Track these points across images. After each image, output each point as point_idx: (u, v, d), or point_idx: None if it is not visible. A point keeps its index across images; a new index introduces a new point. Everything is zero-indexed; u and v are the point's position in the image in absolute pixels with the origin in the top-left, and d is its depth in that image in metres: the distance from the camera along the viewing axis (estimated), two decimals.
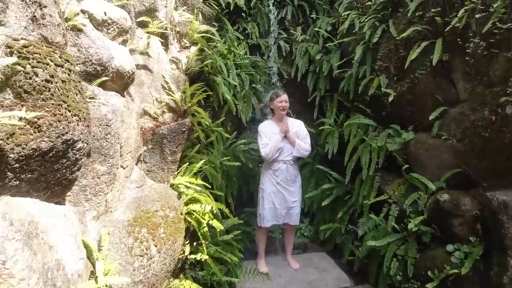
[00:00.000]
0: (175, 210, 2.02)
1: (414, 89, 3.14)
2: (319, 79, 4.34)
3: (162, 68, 2.62)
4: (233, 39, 4.16)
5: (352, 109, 4.12)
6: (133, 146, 1.95)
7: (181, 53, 3.18)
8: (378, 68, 3.62)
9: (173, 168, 2.32)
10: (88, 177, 1.59)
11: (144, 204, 1.90)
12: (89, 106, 1.52)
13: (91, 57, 1.71)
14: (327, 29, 4.31)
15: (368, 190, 3.50)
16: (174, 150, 2.29)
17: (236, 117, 3.96)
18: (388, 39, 3.52)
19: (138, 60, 2.39)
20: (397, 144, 3.21)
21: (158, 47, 2.64)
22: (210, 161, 3.04)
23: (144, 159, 2.24)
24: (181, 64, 3.09)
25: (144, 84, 2.41)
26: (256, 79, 4.24)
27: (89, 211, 1.62)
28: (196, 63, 3.33)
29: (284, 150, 3.29)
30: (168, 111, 2.58)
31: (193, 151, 2.85)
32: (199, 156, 2.95)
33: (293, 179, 3.42)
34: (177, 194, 2.20)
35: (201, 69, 3.43)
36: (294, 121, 3.44)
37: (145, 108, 2.38)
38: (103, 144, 1.63)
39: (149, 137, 2.23)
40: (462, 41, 2.59)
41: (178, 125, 2.31)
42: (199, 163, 2.40)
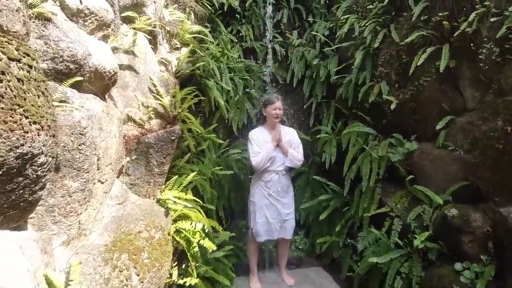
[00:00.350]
0: (161, 230, 1.78)
1: (418, 97, 2.98)
2: (315, 84, 4.16)
3: (150, 70, 2.38)
4: (226, 41, 3.95)
5: (350, 116, 3.95)
6: (113, 157, 1.70)
7: (171, 54, 2.95)
8: (378, 74, 3.46)
9: (160, 181, 2.07)
10: (57, 195, 1.33)
11: (126, 224, 1.64)
12: (59, 111, 1.28)
13: (62, 53, 1.45)
14: (324, 33, 4.15)
15: (369, 202, 3.32)
16: (161, 161, 2.05)
17: (229, 123, 3.73)
18: (389, 45, 3.37)
19: (122, 59, 2.14)
20: (400, 154, 3.04)
21: (146, 46, 2.40)
22: (201, 171, 2.80)
23: (127, 171, 1.99)
24: (170, 66, 2.85)
25: (129, 86, 2.16)
26: (250, 84, 4.04)
27: (58, 236, 1.36)
28: (187, 65, 3.10)
29: (276, 160, 3.08)
30: (156, 117, 2.34)
31: (182, 161, 2.60)
32: (189, 166, 2.70)
33: (285, 190, 3.21)
34: (165, 211, 1.95)
35: (192, 72, 3.20)
36: (287, 129, 3.24)
37: (130, 113, 2.13)
38: (76, 156, 1.37)
39: (133, 147, 1.97)
40: (472, 47, 2.45)
41: (167, 133, 2.07)
42: (190, 175, 2.15)
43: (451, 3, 2.56)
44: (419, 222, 2.84)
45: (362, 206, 3.36)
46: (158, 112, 2.36)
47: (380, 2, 3.33)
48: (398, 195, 3.14)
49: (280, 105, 3.11)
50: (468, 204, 2.61)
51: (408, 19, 3.09)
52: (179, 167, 2.56)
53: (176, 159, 2.62)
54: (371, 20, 3.44)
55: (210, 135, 3.32)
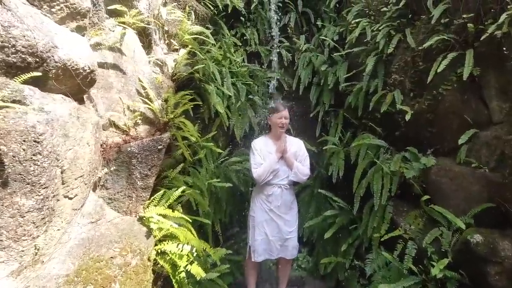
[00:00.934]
0: (140, 255, 1.53)
1: (437, 107, 2.71)
2: (323, 92, 3.92)
3: (139, 70, 2.16)
4: (229, 44, 3.74)
5: (359, 127, 3.68)
6: (85, 169, 1.47)
7: (168, 56, 2.74)
8: (392, 82, 3.20)
9: (144, 195, 1.83)
10: (5, 216, 1.10)
11: (97, 247, 1.40)
12: (7, 113, 1.05)
13: (14, 41, 1.22)
14: (333, 38, 3.92)
15: (379, 221, 3.03)
16: (146, 173, 1.81)
17: (230, 131, 3.49)
18: (404, 50, 3.12)
19: (106, 57, 1.92)
20: (415, 170, 2.76)
21: (136, 44, 2.18)
22: (195, 184, 2.56)
23: (105, 184, 1.75)
24: (167, 68, 2.64)
25: (113, 87, 1.94)
26: (253, 90, 3.80)
27: (6, 264, 1.12)
28: (185, 68, 2.88)
29: (280, 173, 2.82)
30: (144, 123, 2.11)
31: (175, 171, 2.36)
32: (183, 177, 2.46)
33: (289, 206, 2.94)
34: (146, 231, 1.70)
35: (191, 75, 2.98)
36: (293, 140, 2.98)
37: (112, 118, 1.90)
38: (30, 169, 1.14)
39: (112, 156, 1.74)
40: (502, 53, 2.18)
41: (153, 141, 1.83)
42: (179, 190, 1.90)
43: (476, 4, 2.30)
44: (436, 247, 2.55)
45: (371, 225, 3.07)
46: (147, 117, 2.13)
47: (395, 5, 3.10)
48: (412, 215, 2.84)
49: (287, 113, 2.87)
50: (493, 229, 2.31)
51: (426, 22, 2.84)
52: (171, 178, 2.32)
53: (168, 169, 2.38)
54: (384, 24, 3.19)
55: (208, 144, 3.08)
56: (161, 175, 2.23)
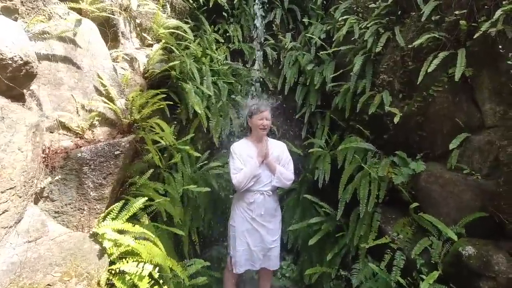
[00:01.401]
0: (88, 279, 1.31)
1: (427, 110, 2.56)
2: (309, 92, 3.75)
3: (99, 65, 1.92)
4: (211, 40, 3.53)
5: (347, 129, 3.52)
6: (17, 180, 1.24)
7: (140, 51, 2.51)
8: (380, 83, 3.05)
9: (98, 208, 1.60)
10: None
11: (30, 273, 1.18)
12: None
13: None
14: (320, 36, 3.75)
15: (366, 229, 2.87)
16: (100, 183, 1.58)
17: (210, 133, 3.28)
18: (393, 49, 2.97)
19: (54, 48, 1.68)
20: (404, 176, 2.60)
21: (94, 35, 1.94)
22: (168, 192, 2.34)
23: (50, 196, 1.51)
24: (138, 64, 2.41)
25: (64, 84, 1.70)
26: (236, 89, 3.60)
27: None
28: (160, 65, 2.66)
29: (262, 178, 2.63)
30: (103, 125, 1.87)
31: (144, 177, 2.14)
32: (153, 184, 2.23)
33: (272, 214, 2.74)
34: (99, 250, 1.48)
35: (166, 73, 2.76)
36: (276, 143, 2.79)
37: (62, 119, 1.66)
38: None
39: (59, 163, 1.51)
40: (496, 52, 2.04)
41: (109, 146, 1.60)
42: (139, 201, 1.67)
43: (469, 0, 2.15)
44: (425, 258, 2.40)
45: (358, 234, 2.91)
46: (107, 118, 1.90)
47: (383, 1, 2.95)
48: (401, 223, 2.69)
49: (268, 114, 2.66)
50: (486, 239, 2.17)
51: (416, 20, 2.69)
52: (139, 185, 2.09)
53: (135, 176, 2.16)
54: (373, 21, 3.04)
55: (185, 147, 2.86)
56: (126, 181, 2.00)
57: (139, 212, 1.92)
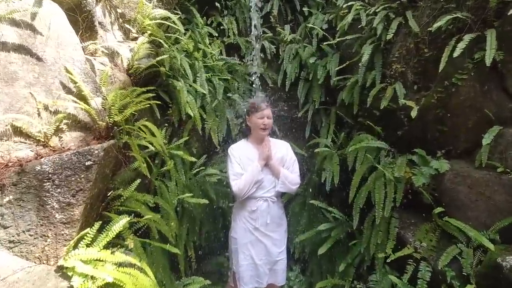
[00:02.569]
0: None
1: (449, 101, 2.28)
2: (312, 88, 3.47)
3: (67, 57, 1.61)
4: (203, 34, 3.23)
5: (355, 126, 3.24)
6: None
7: (122, 45, 2.21)
8: (391, 74, 2.77)
9: (67, 233, 1.29)
10: None
11: None
12: None
13: None
14: (322, 27, 3.46)
15: (383, 237, 2.58)
16: (68, 202, 1.28)
17: (206, 136, 2.98)
18: (405, 37, 2.69)
19: (3, 33, 1.35)
20: (425, 176, 2.32)
21: (60, 20, 1.61)
22: (161, 206, 2.04)
23: (2, 222, 1.21)
24: (120, 59, 2.11)
25: (18, 79, 1.39)
26: (233, 87, 3.30)
27: None
28: (146, 60, 2.36)
29: (265, 183, 2.33)
30: (73, 129, 1.55)
31: (130, 188, 1.83)
32: (141, 196, 1.93)
33: (277, 222, 2.44)
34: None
35: (154, 69, 2.46)
36: (278, 143, 2.49)
37: (17, 123, 1.35)
38: None
39: (10, 180, 1.20)
40: None
41: (77, 155, 1.29)
42: (119, 223, 1.36)
43: None
44: (455, 269, 2.11)
45: (374, 242, 2.62)
46: (79, 121, 1.58)
47: None
48: (423, 229, 2.41)
49: (269, 112, 2.37)
50: None
51: (432, 1, 2.41)
52: (125, 198, 1.79)
53: (121, 187, 1.85)
54: (381, 6, 2.76)
55: (178, 152, 2.56)
56: (107, 195, 1.70)
57: (124, 231, 1.62)
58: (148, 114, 2.68)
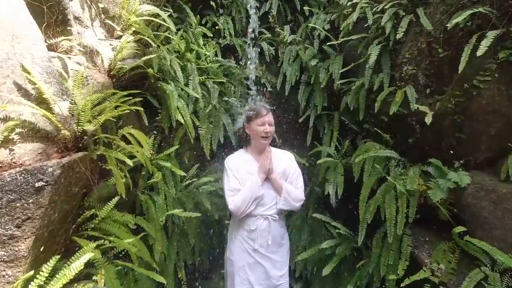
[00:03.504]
0: None
1: (468, 106, 2.05)
2: (314, 92, 3.24)
3: (25, 53, 1.35)
4: (197, 34, 3.00)
5: (360, 133, 3.00)
6: None
7: (103, 43, 1.97)
8: (401, 76, 2.54)
9: (10, 274, 1.00)
10: None
11: None
12: None
13: None
14: (324, 27, 3.24)
15: (395, 256, 2.32)
16: (10, 234, 0.99)
17: (199, 144, 2.73)
18: (416, 36, 2.47)
19: None
20: (443, 190, 2.07)
21: (13, 6, 1.36)
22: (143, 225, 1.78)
23: None
24: (100, 59, 1.87)
25: None
26: (229, 91, 3.06)
27: None
28: (132, 61, 2.12)
29: (265, 200, 2.08)
30: (30, 140, 1.26)
31: (106, 208, 1.57)
32: (121, 215, 1.66)
33: (278, 242, 2.18)
34: None
35: (140, 70, 2.22)
36: (281, 154, 2.24)
37: None
38: None
39: None
40: None
41: (25, 174, 1.02)
42: (80, 260, 1.08)
43: None
44: None
45: (385, 262, 2.36)
46: (37, 129, 1.31)
47: None
48: (440, 249, 2.15)
49: (271, 118, 2.12)
50: None
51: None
52: (99, 220, 1.52)
53: (99, 204, 1.59)
54: (390, 3, 2.54)
55: (166, 163, 2.30)
56: (78, 216, 1.43)
57: (96, 259, 1.35)
58: (135, 120, 2.44)
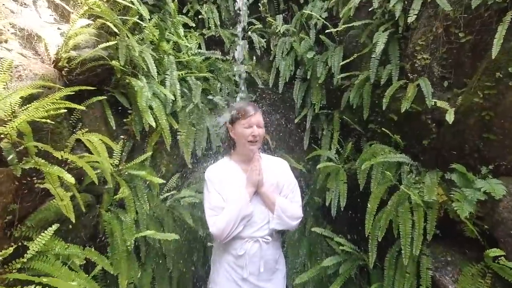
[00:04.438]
0: None
1: (500, 101, 1.69)
2: (311, 88, 2.89)
3: None
4: (177, 23, 2.61)
5: (364, 134, 2.65)
6: None
7: (49, 27, 1.58)
8: (413, 68, 2.19)
9: None
10: None
11: None
12: None
13: None
14: (321, 15, 2.88)
15: (412, 281, 1.95)
16: None
17: (179, 150, 2.34)
18: (429, 20, 2.12)
19: None
20: (471, 203, 1.70)
21: None
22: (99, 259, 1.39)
23: None
24: (44, 46, 1.48)
25: None
26: (214, 88, 2.68)
27: None
28: (90, 50, 1.72)
29: (255, 219, 1.69)
30: None
31: (41, 239, 1.17)
32: (64, 249, 1.27)
33: (272, 268, 1.79)
34: None
35: (102, 62, 1.82)
36: (273, 161, 1.86)
37: None
38: None
39: None
40: None
41: None
42: None
43: None
44: None
45: (400, 287, 1.99)
46: None
47: None
48: (468, 273, 1.79)
49: (260, 119, 1.73)
50: None
51: None
52: (32, 255, 1.13)
53: (35, 233, 1.20)
54: None
55: (139, 172, 1.91)
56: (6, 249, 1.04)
57: None
58: (102, 124, 2.05)
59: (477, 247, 1.82)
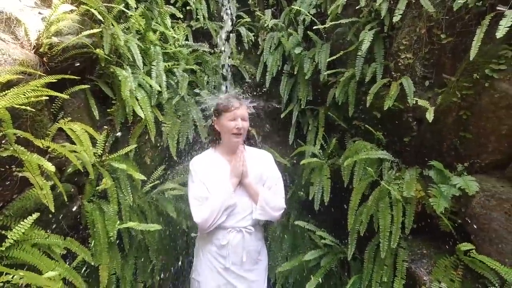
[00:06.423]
0: None
1: (477, 101, 1.75)
2: (297, 84, 2.91)
3: None
4: (164, 14, 2.57)
5: (349, 131, 2.69)
6: None
7: (30, 11, 1.53)
8: (397, 67, 2.24)
9: None
10: None
11: None
12: None
13: None
14: (309, 11, 2.89)
15: (389, 273, 2.02)
16: None
17: (164, 142, 2.32)
18: (413, 20, 2.17)
19: None
20: (446, 198, 1.78)
21: None
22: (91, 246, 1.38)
23: None
24: (23, 31, 1.43)
25: None
26: (201, 81, 2.67)
27: None
28: (71, 37, 1.68)
29: (238, 209, 1.71)
30: None
31: (20, 228, 1.15)
32: (44, 238, 1.25)
33: (255, 259, 1.82)
34: None
35: (86, 50, 1.79)
36: (257, 154, 1.88)
37: None
38: None
39: None
40: None
41: None
42: None
43: None
44: None
45: (377, 278, 2.07)
46: None
47: None
48: (441, 265, 1.87)
49: (244, 112, 1.75)
50: None
51: None
52: (10, 244, 1.11)
53: (18, 220, 1.18)
54: None
55: (121, 164, 1.89)
56: None
57: None
58: (85, 113, 2.01)
59: (450, 240, 1.91)
